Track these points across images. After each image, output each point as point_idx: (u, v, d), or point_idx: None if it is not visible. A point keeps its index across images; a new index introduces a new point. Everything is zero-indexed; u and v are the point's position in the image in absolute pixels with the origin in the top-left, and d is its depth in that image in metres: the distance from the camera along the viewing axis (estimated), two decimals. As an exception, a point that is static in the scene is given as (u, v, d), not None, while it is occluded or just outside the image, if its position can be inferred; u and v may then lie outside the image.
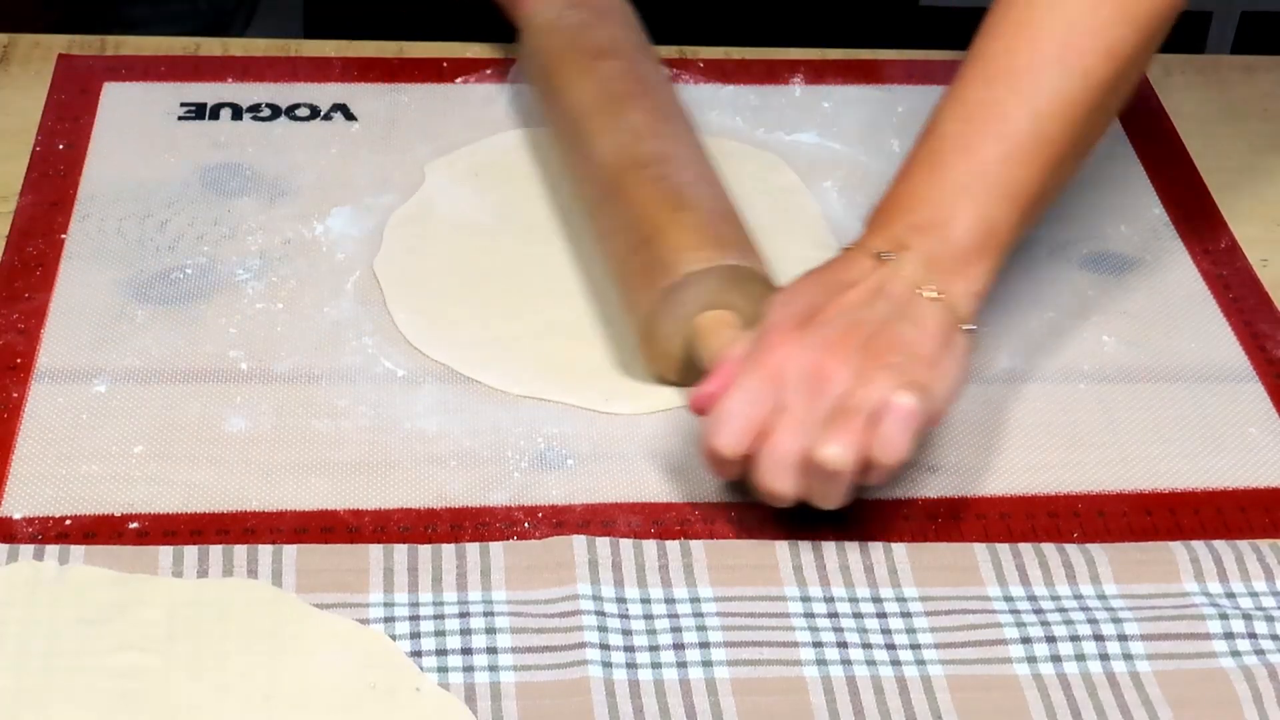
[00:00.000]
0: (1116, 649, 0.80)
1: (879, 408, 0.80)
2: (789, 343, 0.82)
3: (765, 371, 0.82)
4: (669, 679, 0.78)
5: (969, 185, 0.86)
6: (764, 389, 0.81)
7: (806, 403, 0.80)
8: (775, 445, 0.80)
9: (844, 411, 0.80)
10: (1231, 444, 0.92)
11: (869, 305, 0.84)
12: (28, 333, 0.93)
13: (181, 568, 0.80)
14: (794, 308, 0.84)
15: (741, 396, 0.81)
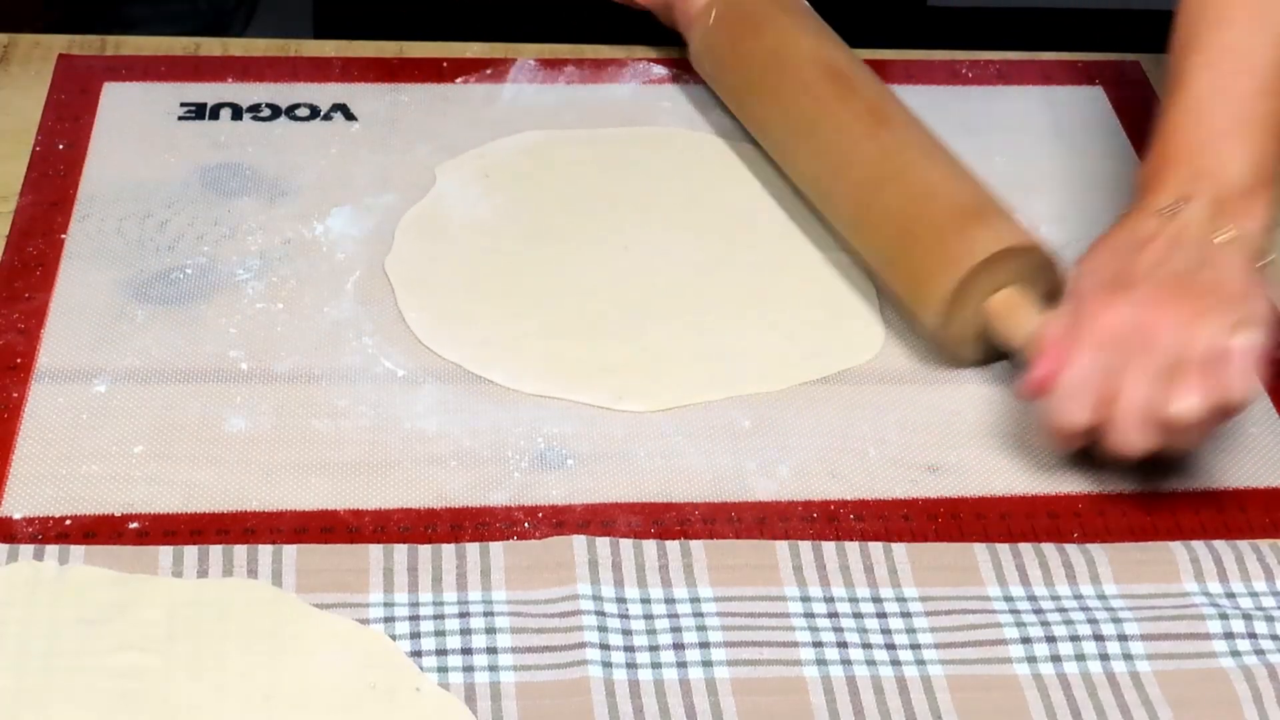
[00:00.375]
0: (1116, 649, 0.80)
1: (1218, 353, 0.83)
2: (1109, 308, 0.85)
3: (1095, 340, 0.85)
4: (669, 679, 0.78)
5: (1233, 128, 0.91)
6: (1099, 357, 0.84)
7: (1144, 361, 0.83)
8: (1125, 409, 0.84)
9: (1184, 364, 0.83)
10: (1231, 444, 0.92)
11: (1171, 258, 0.87)
12: (28, 333, 0.93)
13: (181, 568, 0.80)
14: (1100, 275, 0.88)
15: (1080, 369, 0.85)
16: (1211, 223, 0.88)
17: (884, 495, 0.88)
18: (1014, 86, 1.18)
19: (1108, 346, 0.85)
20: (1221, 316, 0.84)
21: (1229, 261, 0.87)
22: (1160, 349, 0.84)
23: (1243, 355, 0.84)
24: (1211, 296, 0.85)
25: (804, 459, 0.90)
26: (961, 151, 1.11)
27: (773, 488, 0.88)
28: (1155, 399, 0.83)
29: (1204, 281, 0.86)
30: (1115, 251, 0.89)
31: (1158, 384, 0.83)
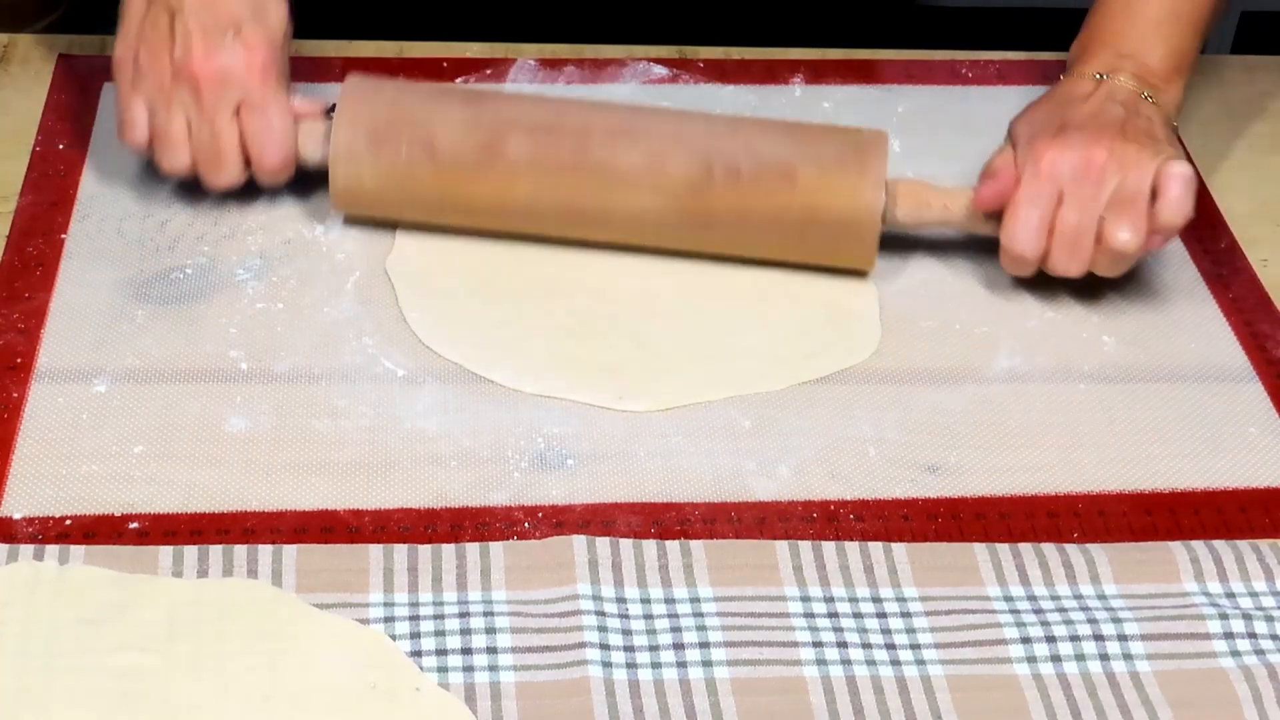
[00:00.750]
0: (1116, 649, 0.80)
1: (1157, 181, 0.94)
2: (1054, 147, 0.95)
3: (1042, 174, 0.95)
4: (669, 679, 0.78)
5: (1160, 20, 1.03)
6: (1045, 188, 0.95)
7: (1087, 191, 0.94)
8: (1067, 236, 0.95)
9: (1123, 197, 0.94)
10: (1231, 444, 0.92)
11: (1105, 108, 0.98)
12: (28, 333, 0.93)
13: (181, 568, 0.80)
14: (1042, 122, 0.98)
15: (1028, 200, 0.95)
16: (1137, 89, 1.00)
17: (884, 495, 0.88)
18: (1014, 86, 1.18)
19: (1052, 180, 0.94)
20: (1154, 153, 0.95)
21: (1155, 116, 0.99)
22: (1102, 182, 0.94)
23: (1181, 180, 0.93)
24: (1145, 137, 0.96)
25: (804, 459, 0.90)
26: (961, 151, 1.11)
27: (773, 488, 0.88)
28: (1094, 226, 0.94)
29: (1137, 127, 0.97)
30: (1054, 104, 1.00)
31: (1098, 212, 0.94)
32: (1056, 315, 0.99)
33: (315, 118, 1.00)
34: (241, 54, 0.95)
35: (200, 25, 0.95)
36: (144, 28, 0.96)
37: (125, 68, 0.97)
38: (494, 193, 0.98)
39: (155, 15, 0.96)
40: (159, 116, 0.96)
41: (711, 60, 1.18)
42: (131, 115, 0.97)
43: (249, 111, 0.96)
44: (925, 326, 0.98)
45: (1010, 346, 0.97)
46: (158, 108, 0.96)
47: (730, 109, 1.13)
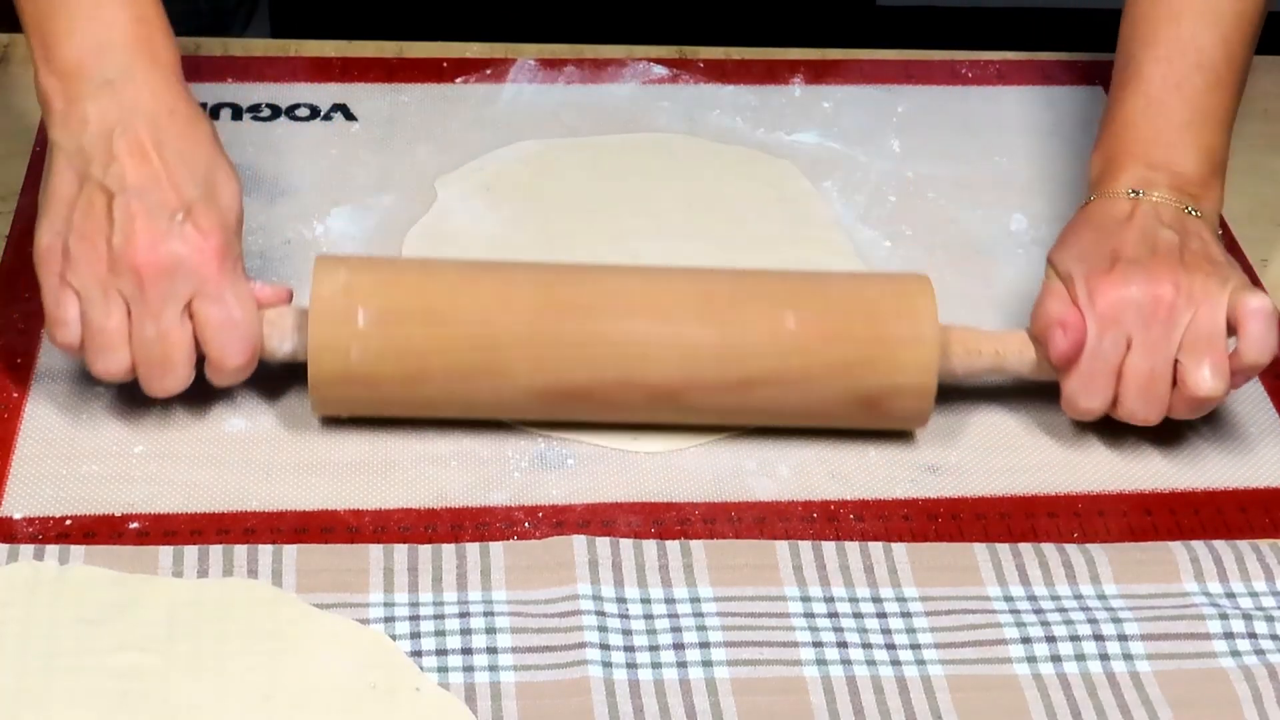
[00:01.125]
0: (1116, 649, 0.80)
1: (1234, 317, 0.86)
2: (1113, 286, 0.87)
3: (1106, 318, 0.87)
4: (669, 679, 0.78)
5: (1188, 121, 0.94)
6: (1110, 334, 0.87)
7: (1157, 333, 0.86)
8: (1140, 385, 0.87)
9: (1198, 337, 0.86)
10: (1231, 444, 0.92)
11: (1157, 232, 0.89)
12: (28, 333, 0.93)
13: (181, 568, 0.80)
14: (1092, 253, 0.89)
15: (1092, 350, 0.87)
16: (1179, 204, 0.91)
17: (884, 495, 0.88)
18: (1014, 86, 1.18)
19: (1118, 324, 0.87)
20: (1221, 282, 0.87)
21: (1205, 233, 0.91)
22: (1171, 320, 0.86)
23: (1263, 315, 0.86)
24: (1206, 263, 0.88)
25: (804, 459, 0.90)
26: (961, 151, 1.11)
27: (773, 488, 0.88)
28: (1163, 372, 0.87)
29: (1193, 250, 0.88)
30: (1097, 231, 0.91)
31: (1169, 355, 0.86)
32: (1056, 315, 0.99)
33: (280, 304, 0.88)
34: (194, 239, 0.83)
35: (144, 208, 0.83)
36: (74, 212, 0.84)
37: (52, 257, 0.84)
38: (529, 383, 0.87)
39: (89, 197, 0.83)
40: (94, 312, 0.83)
41: (711, 60, 1.18)
42: (61, 312, 0.84)
43: (206, 303, 0.83)
44: (925, 326, 0.98)
45: (1010, 346, 0.97)
46: (92, 302, 0.83)
47: (730, 109, 1.14)
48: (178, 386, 0.85)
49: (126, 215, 0.83)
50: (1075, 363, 0.87)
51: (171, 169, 0.84)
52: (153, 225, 0.83)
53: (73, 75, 0.86)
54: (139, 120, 0.85)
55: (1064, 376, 0.88)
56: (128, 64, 0.86)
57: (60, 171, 0.85)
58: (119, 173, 0.84)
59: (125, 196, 0.83)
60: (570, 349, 0.86)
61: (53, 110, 0.86)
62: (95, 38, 0.86)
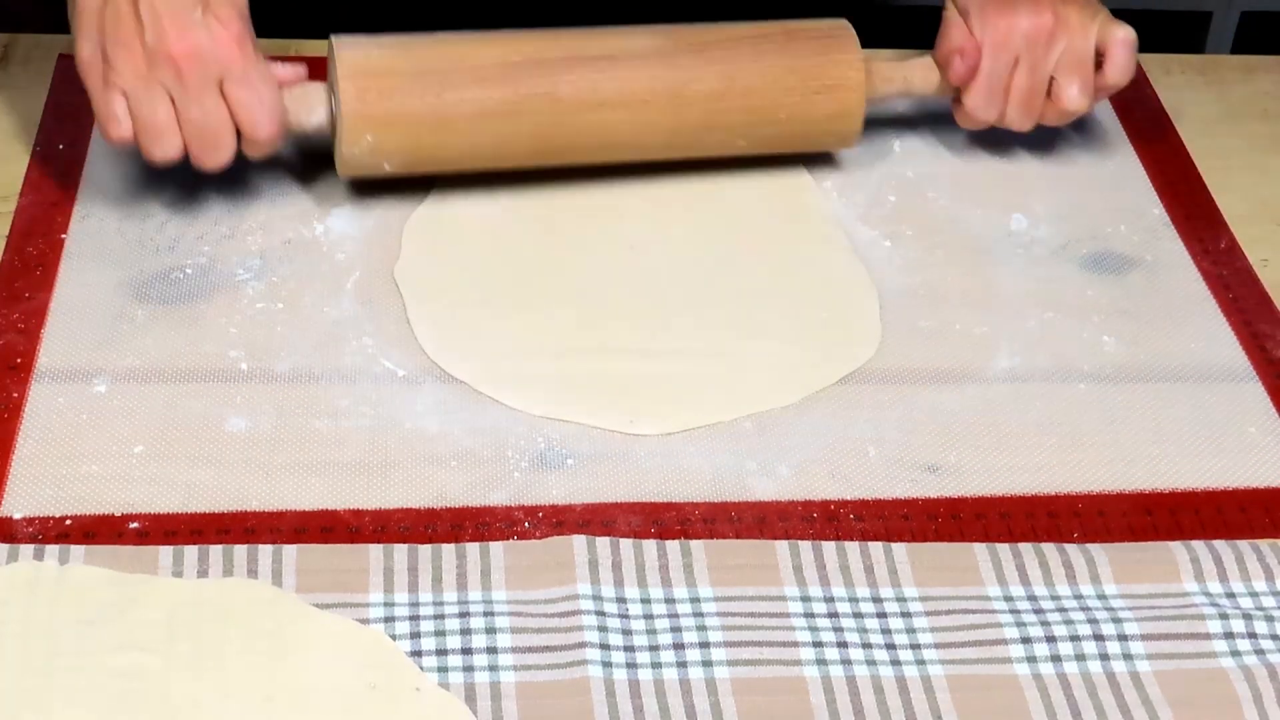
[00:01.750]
0: (1116, 649, 0.80)
1: (1102, 43, 1.04)
2: (1001, 15, 1.03)
3: (999, 43, 1.03)
4: (669, 679, 0.78)
5: None
6: (1003, 57, 1.03)
7: (1038, 54, 1.03)
8: (1022, 97, 1.05)
9: (1071, 59, 1.03)
10: (1231, 444, 0.92)
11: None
12: (28, 333, 0.93)
13: (181, 568, 0.80)
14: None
15: (989, 70, 1.04)
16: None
17: (884, 495, 0.88)
18: (1014, 86, 1.18)
19: (1008, 48, 1.03)
20: (1092, 15, 1.03)
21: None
22: (1051, 43, 1.03)
23: (1127, 44, 1.04)
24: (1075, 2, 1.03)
25: (804, 459, 0.90)
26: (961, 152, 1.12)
27: (773, 488, 0.88)
28: (1040, 88, 1.04)
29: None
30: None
31: (1046, 73, 1.04)
32: (1056, 315, 1.00)
33: (300, 82, 0.99)
34: (216, 29, 0.92)
35: (167, 7, 0.92)
36: (104, 20, 0.93)
37: (94, 65, 0.93)
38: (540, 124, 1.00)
39: (115, 5, 0.92)
40: (141, 106, 0.93)
41: (711, 60, 1.18)
42: (112, 110, 0.93)
43: (234, 85, 0.93)
44: (925, 326, 0.98)
45: (1010, 346, 0.97)
46: (138, 98, 0.93)
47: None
48: (226, 159, 0.95)
49: (153, 15, 0.92)
50: (972, 82, 1.04)
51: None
52: (178, 19, 0.92)
53: None
54: None
55: (963, 94, 1.05)
56: None
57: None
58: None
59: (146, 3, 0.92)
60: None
61: None
62: None
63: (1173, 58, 1.22)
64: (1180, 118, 1.16)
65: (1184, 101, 1.17)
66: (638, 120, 1.01)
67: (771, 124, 1.03)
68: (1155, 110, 1.16)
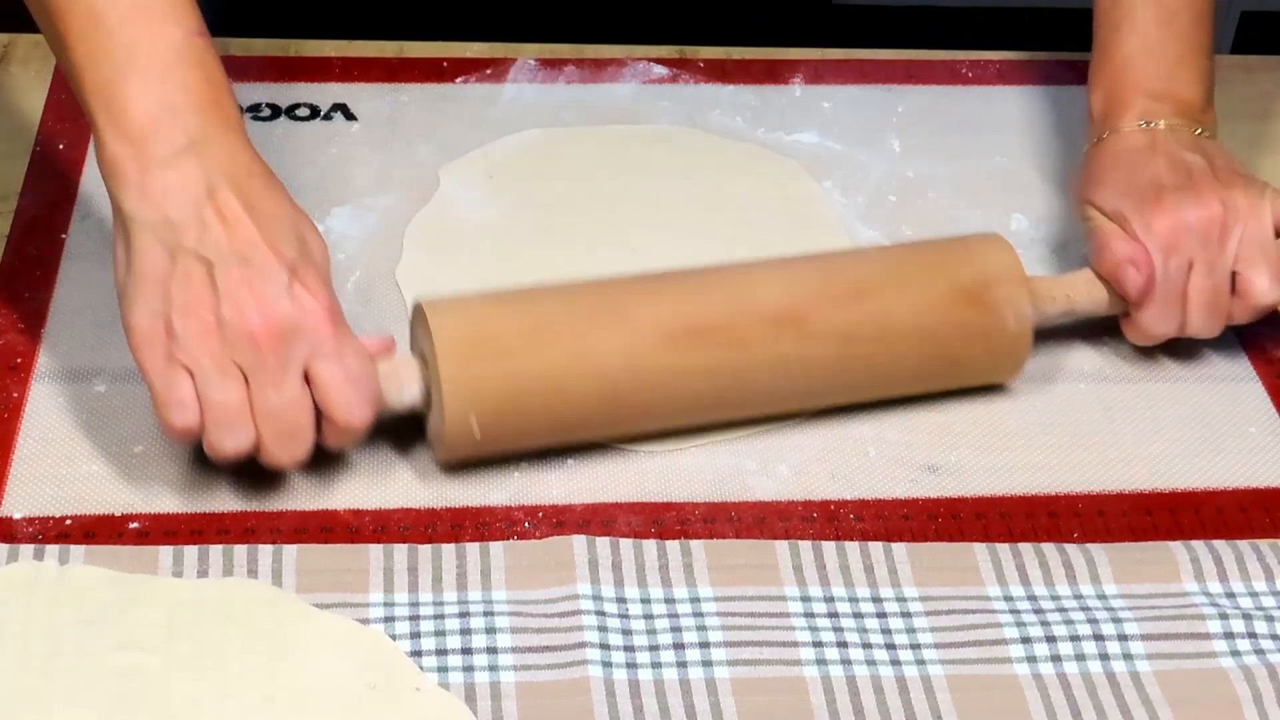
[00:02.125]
0: (1116, 649, 0.80)
1: (1277, 223, 0.92)
2: (1165, 214, 0.92)
3: (1168, 246, 0.91)
4: (669, 679, 0.78)
5: (1183, 54, 0.98)
6: (1173, 260, 0.92)
7: (1214, 250, 0.91)
8: (1205, 302, 0.92)
9: (1251, 248, 0.92)
10: (1231, 444, 0.92)
11: (1184, 157, 0.94)
12: (28, 333, 0.93)
13: (181, 568, 0.80)
14: (1134, 190, 0.94)
15: (1163, 278, 0.92)
16: (1190, 128, 0.96)
17: (884, 495, 0.88)
18: (1014, 86, 1.18)
19: (1180, 249, 0.91)
20: (1259, 193, 0.92)
21: (1224, 152, 0.96)
22: (1225, 235, 0.91)
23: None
24: (1237, 178, 0.93)
25: (804, 459, 0.90)
26: (961, 151, 1.11)
27: (773, 488, 0.88)
28: (1223, 287, 0.92)
29: (1222, 168, 0.94)
30: (1121, 163, 0.96)
31: (1227, 269, 0.92)
32: (1056, 315, 0.99)
33: (388, 354, 0.86)
34: (305, 299, 0.80)
35: (249, 274, 0.79)
36: (171, 287, 0.79)
37: (154, 337, 0.79)
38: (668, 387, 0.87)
39: (186, 269, 0.79)
40: (213, 390, 0.79)
41: (711, 60, 1.18)
42: (176, 393, 0.79)
43: (325, 363, 0.80)
44: (925, 326, 0.98)
45: (1010, 346, 0.97)
46: (209, 379, 0.79)
47: (730, 109, 1.13)
48: (305, 454, 0.82)
49: (232, 283, 0.79)
50: (1150, 295, 0.92)
51: (267, 231, 0.81)
52: (262, 291, 0.79)
53: (146, 140, 0.81)
54: (224, 184, 0.81)
55: (1138, 309, 0.93)
56: (202, 127, 0.82)
57: (146, 248, 0.80)
58: (215, 240, 0.80)
59: (226, 265, 0.79)
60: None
61: (125, 180, 0.81)
62: (167, 100, 0.81)
63: (1173, 58, 1.22)
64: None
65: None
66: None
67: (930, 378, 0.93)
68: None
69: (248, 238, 0.80)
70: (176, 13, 0.83)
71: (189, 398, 0.79)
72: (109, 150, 0.82)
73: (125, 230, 0.81)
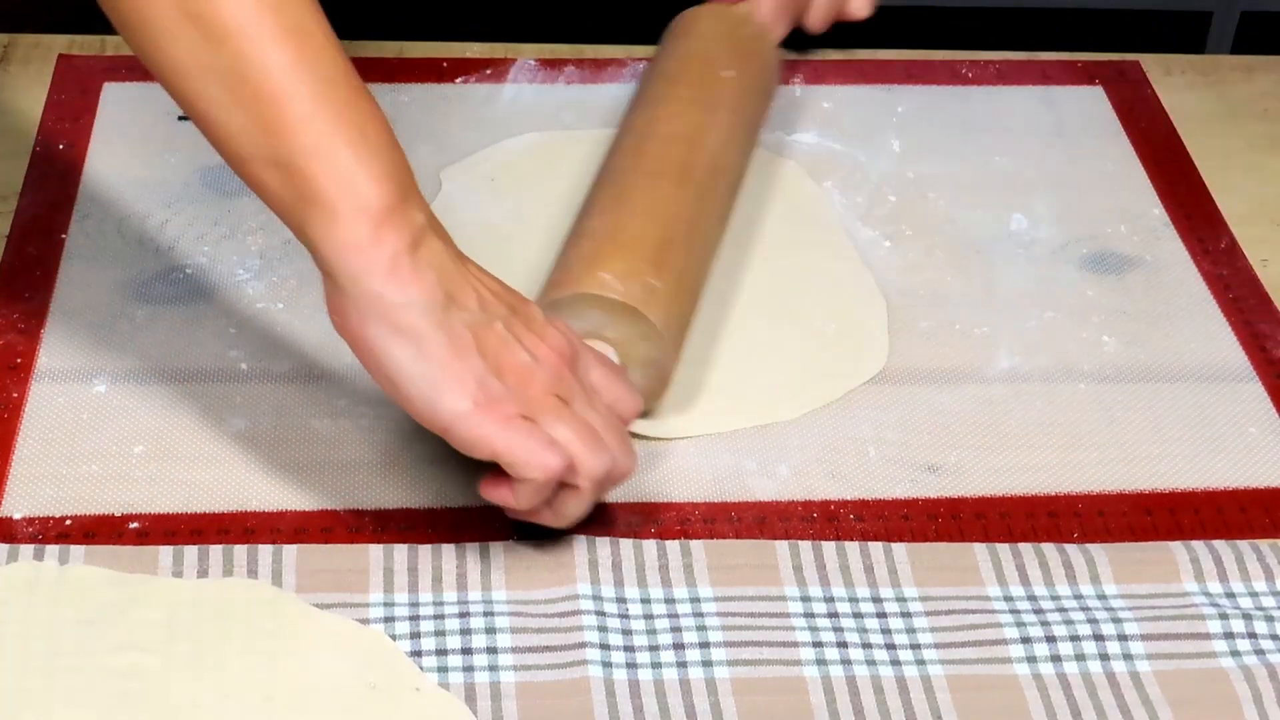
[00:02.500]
0: (1116, 649, 0.80)
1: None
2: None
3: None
4: (669, 679, 0.78)
5: None
6: None
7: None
8: None
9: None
10: (1231, 444, 0.92)
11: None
12: (28, 333, 0.93)
13: (181, 568, 0.80)
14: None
15: None
16: None
17: (884, 495, 0.88)
18: (1014, 86, 1.18)
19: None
20: None
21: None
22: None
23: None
24: None
25: (804, 459, 0.90)
26: (961, 151, 1.11)
27: (773, 488, 0.88)
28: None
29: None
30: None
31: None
32: (1056, 315, 1.00)
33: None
34: (562, 325, 0.83)
35: (523, 321, 0.81)
36: (478, 356, 0.78)
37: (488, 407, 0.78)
38: None
39: (484, 335, 0.79)
40: (565, 423, 0.79)
41: (711, 60, 1.18)
42: (536, 441, 0.78)
43: (596, 371, 0.83)
44: (925, 327, 0.98)
45: (1010, 346, 0.97)
46: (560, 415, 0.79)
47: (730, 109, 1.13)
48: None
49: (519, 332, 0.80)
50: None
51: (498, 282, 0.82)
52: (538, 330, 0.81)
53: (395, 222, 0.78)
54: (457, 251, 0.81)
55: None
56: (422, 200, 0.80)
57: (433, 329, 0.78)
58: (485, 301, 0.80)
59: (505, 319, 0.80)
60: None
61: (373, 265, 0.77)
62: (402, 180, 0.79)
63: (1173, 58, 1.22)
64: (1180, 118, 1.16)
65: (1184, 101, 1.17)
66: None
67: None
68: (1155, 110, 1.16)
69: (500, 291, 0.82)
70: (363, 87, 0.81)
71: (548, 440, 0.78)
72: (347, 234, 0.77)
73: (385, 316, 0.78)
